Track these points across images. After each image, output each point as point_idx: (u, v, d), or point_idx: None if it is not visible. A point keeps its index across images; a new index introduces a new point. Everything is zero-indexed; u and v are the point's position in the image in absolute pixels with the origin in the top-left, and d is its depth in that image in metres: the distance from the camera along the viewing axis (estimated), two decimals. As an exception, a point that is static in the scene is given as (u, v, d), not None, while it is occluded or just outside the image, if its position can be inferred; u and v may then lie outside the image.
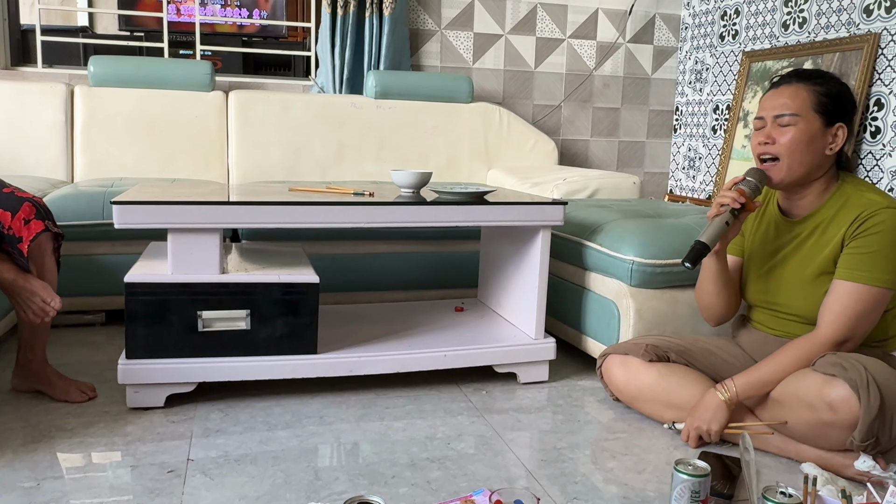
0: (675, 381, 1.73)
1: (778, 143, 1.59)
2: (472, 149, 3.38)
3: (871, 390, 1.40)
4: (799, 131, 1.57)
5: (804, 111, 1.57)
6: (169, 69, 3.07)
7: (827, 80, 1.61)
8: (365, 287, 2.57)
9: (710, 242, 1.58)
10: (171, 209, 1.68)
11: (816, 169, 1.61)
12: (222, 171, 3.08)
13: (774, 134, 1.60)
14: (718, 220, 1.60)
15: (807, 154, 1.58)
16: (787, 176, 1.60)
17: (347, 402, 1.87)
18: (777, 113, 1.59)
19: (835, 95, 1.60)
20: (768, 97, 1.64)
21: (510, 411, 1.86)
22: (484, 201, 1.93)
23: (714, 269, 1.72)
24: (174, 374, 1.75)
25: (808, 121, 1.57)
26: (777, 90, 1.63)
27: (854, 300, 1.54)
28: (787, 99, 1.59)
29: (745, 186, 1.60)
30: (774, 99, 1.62)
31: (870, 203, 1.56)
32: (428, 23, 3.58)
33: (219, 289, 1.76)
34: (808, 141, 1.57)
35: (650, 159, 4.05)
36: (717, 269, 1.72)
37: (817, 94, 1.58)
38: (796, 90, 1.59)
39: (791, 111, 1.58)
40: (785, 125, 1.58)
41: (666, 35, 3.95)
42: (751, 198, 1.60)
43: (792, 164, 1.59)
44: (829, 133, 1.59)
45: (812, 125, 1.57)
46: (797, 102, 1.58)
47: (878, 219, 1.54)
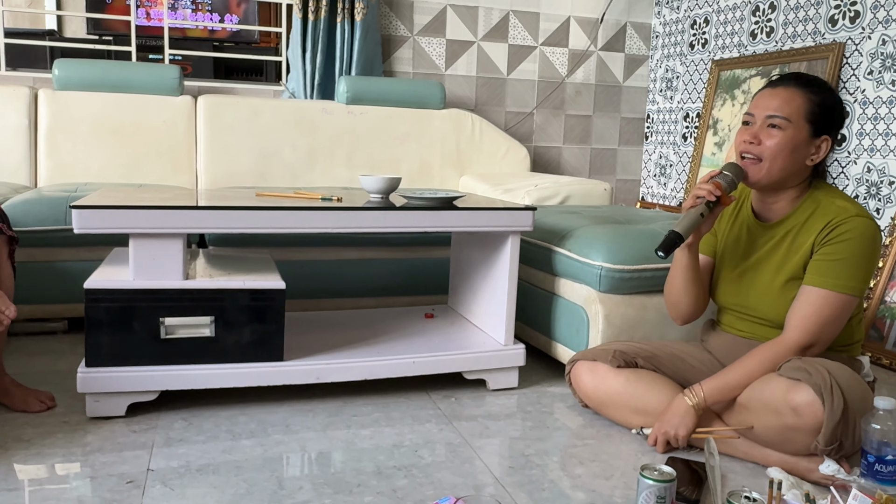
0: (643, 387, 1.73)
1: (763, 145, 1.59)
2: (444, 155, 3.37)
3: (834, 395, 1.41)
4: (786, 137, 1.57)
5: (796, 118, 1.57)
6: (136, 73, 3.03)
7: (824, 90, 1.61)
8: (334, 294, 2.54)
9: (685, 233, 1.57)
10: (132, 214, 1.64)
11: (794, 176, 1.62)
12: (191, 177, 3.04)
13: (762, 135, 1.59)
14: (693, 211, 1.59)
15: (789, 161, 1.59)
16: (766, 178, 1.60)
17: (314, 410, 1.84)
18: (770, 114, 1.59)
19: (828, 107, 1.60)
20: (763, 95, 1.63)
21: (479, 418, 1.84)
22: (453, 206, 1.92)
23: (685, 263, 1.71)
24: (136, 382, 1.71)
25: (797, 128, 1.57)
26: (774, 90, 1.62)
27: (821, 306, 1.55)
28: (783, 102, 1.58)
29: (722, 180, 1.60)
30: (769, 99, 1.61)
31: (840, 210, 1.57)
32: (400, 29, 3.57)
33: (182, 295, 1.72)
34: (793, 148, 1.58)
35: (622, 166, 4.07)
36: (688, 263, 1.71)
37: (812, 103, 1.58)
38: (793, 95, 1.59)
39: (784, 115, 1.57)
40: (774, 127, 1.58)
41: (637, 43, 3.98)
42: (727, 192, 1.60)
43: (773, 168, 1.59)
44: (813, 144, 1.60)
45: (800, 133, 1.58)
46: (791, 107, 1.58)
47: (847, 226, 1.55)
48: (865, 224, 1.55)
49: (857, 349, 1.71)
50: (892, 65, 2.63)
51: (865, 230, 1.54)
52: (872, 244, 1.56)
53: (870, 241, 1.55)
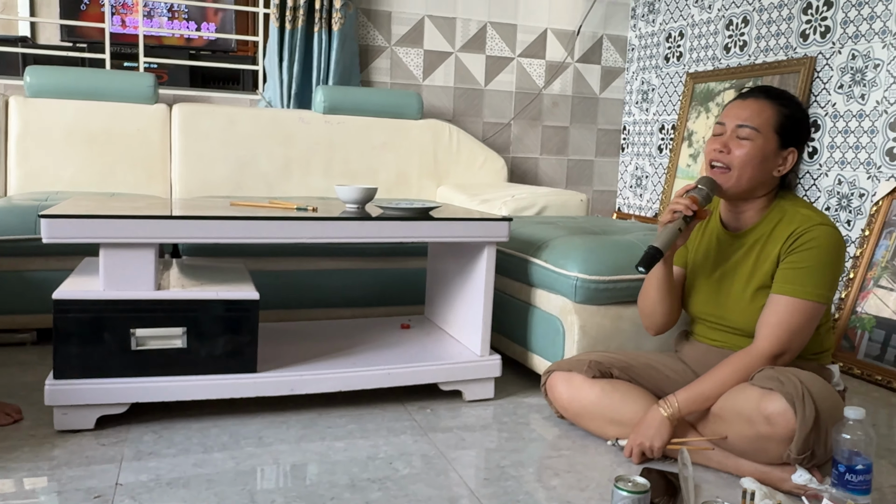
0: (619, 398, 1.73)
1: (733, 154, 1.61)
2: (422, 165, 3.37)
3: (806, 404, 1.42)
4: (755, 147, 1.60)
5: (765, 128, 1.60)
6: (110, 81, 3.00)
7: (793, 104, 1.65)
8: (310, 304, 2.52)
9: (664, 247, 1.59)
10: (102, 223, 1.62)
11: (762, 186, 1.65)
12: (165, 186, 3.01)
13: (731, 144, 1.62)
14: (672, 226, 1.61)
15: (757, 171, 1.61)
16: (735, 187, 1.63)
17: (288, 422, 1.82)
18: (739, 123, 1.61)
19: (796, 120, 1.63)
20: (734, 106, 1.66)
21: (454, 429, 1.83)
22: (429, 217, 1.91)
23: (660, 276, 1.73)
24: (105, 394, 1.68)
25: (766, 139, 1.60)
26: (744, 101, 1.65)
27: (790, 314, 1.57)
28: (753, 113, 1.61)
29: (698, 194, 1.62)
30: (740, 109, 1.63)
31: (804, 219, 1.60)
32: (378, 39, 3.57)
33: (154, 306, 1.70)
34: (762, 159, 1.60)
35: (598, 177, 4.10)
36: (663, 275, 1.72)
37: (781, 115, 1.61)
38: (763, 106, 1.62)
39: (753, 125, 1.60)
40: (743, 138, 1.61)
41: (613, 56, 4.02)
42: (702, 205, 1.62)
43: (741, 177, 1.61)
44: (781, 155, 1.63)
45: (768, 144, 1.60)
46: (761, 118, 1.61)
47: (811, 234, 1.57)
48: (829, 232, 1.57)
49: (827, 358, 1.73)
50: (861, 79, 2.67)
51: (829, 238, 1.57)
52: (837, 252, 1.58)
53: (834, 248, 1.57)
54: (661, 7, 3.78)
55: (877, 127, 2.62)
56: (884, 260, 2.48)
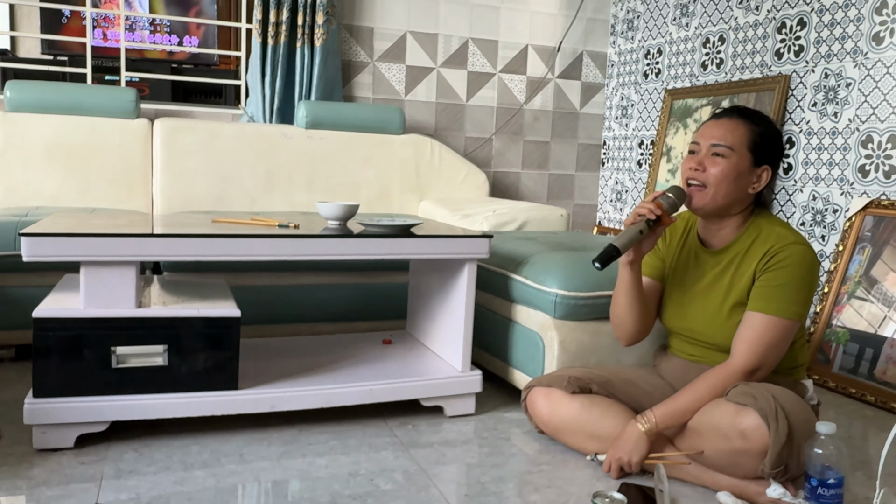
0: (598, 413, 1.75)
1: (708, 172, 1.65)
2: (404, 180, 3.39)
3: (779, 419, 1.45)
4: (730, 165, 1.64)
5: (739, 147, 1.64)
6: (91, 95, 2.99)
7: (766, 123, 1.70)
8: (292, 319, 2.53)
9: (622, 247, 1.61)
10: (83, 241, 1.62)
11: (737, 203, 1.68)
12: (146, 201, 3.00)
13: (707, 163, 1.66)
14: (633, 227, 1.64)
15: (732, 188, 1.65)
16: (710, 204, 1.66)
17: (269, 439, 1.82)
18: (714, 142, 1.66)
19: (769, 139, 1.68)
20: (709, 126, 1.70)
21: (436, 445, 1.85)
22: (410, 234, 1.93)
23: (627, 281, 1.75)
24: (85, 412, 1.68)
25: (740, 156, 1.64)
26: (718, 121, 1.69)
27: (764, 330, 1.60)
28: (727, 132, 1.66)
29: (664, 201, 1.65)
30: (714, 129, 1.68)
31: (779, 237, 1.64)
32: (360, 54, 3.60)
33: (134, 324, 1.70)
34: (736, 176, 1.64)
35: (579, 191, 4.14)
36: (630, 280, 1.74)
37: (754, 134, 1.66)
38: (736, 125, 1.67)
39: (727, 143, 1.64)
40: (718, 155, 1.65)
41: (593, 72, 4.07)
42: (668, 212, 1.65)
43: (717, 194, 1.65)
44: (755, 172, 1.67)
45: (742, 162, 1.65)
46: (735, 137, 1.65)
47: (786, 253, 1.61)
48: (803, 251, 1.61)
49: (801, 372, 1.76)
50: (833, 97, 2.73)
51: (803, 257, 1.61)
52: (810, 270, 1.62)
53: (808, 267, 1.61)
54: (639, 24, 3.84)
55: (849, 144, 2.68)
56: (857, 274, 2.53)
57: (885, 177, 2.55)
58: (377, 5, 3.60)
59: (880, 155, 2.57)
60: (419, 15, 3.67)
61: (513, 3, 3.83)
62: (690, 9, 3.48)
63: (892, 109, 2.53)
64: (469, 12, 3.76)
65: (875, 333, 2.40)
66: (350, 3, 3.55)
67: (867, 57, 2.61)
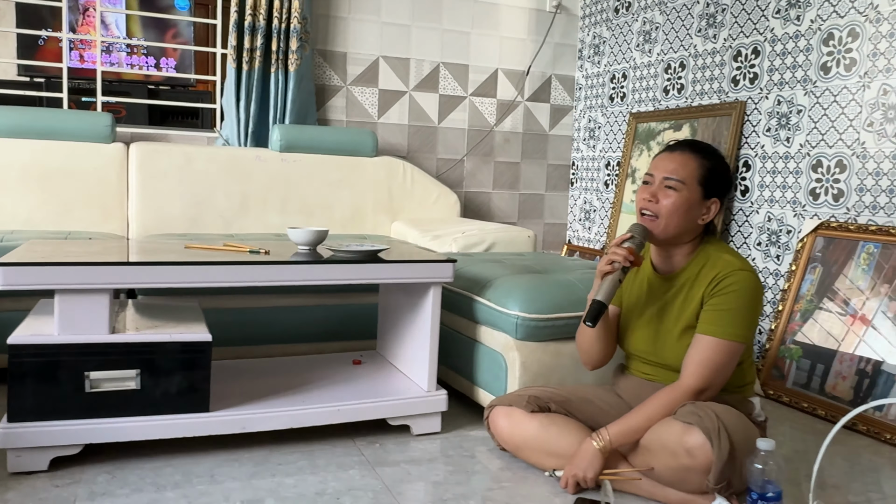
0: (555, 431, 1.83)
1: (660, 204, 1.75)
2: (377, 201, 3.47)
3: (721, 437, 1.54)
4: (681, 197, 1.74)
5: (689, 180, 1.74)
6: (67, 120, 3.04)
7: (716, 158, 1.80)
8: (265, 341, 2.58)
9: (607, 300, 1.71)
10: (57, 270, 1.68)
11: (687, 233, 1.78)
12: (121, 224, 3.05)
13: (659, 195, 1.76)
14: (612, 278, 1.73)
15: (682, 219, 1.75)
16: (662, 234, 1.76)
17: (240, 460, 1.88)
18: (666, 175, 1.76)
19: (718, 173, 1.78)
20: (662, 158, 1.80)
21: (402, 463, 1.91)
22: (377, 259, 2.01)
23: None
24: (59, 436, 1.73)
25: (690, 190, 1.74)
26: (672, 154, 1.79)
27: (712, 353, 1.69)
28: (679, 165, 1.76)
29: (633, 244, 1.75)
30: (667, 162, 1.78)
31: (726, 264, 1.73)
32: (334, 79, 3.68)
33: (108, 349, 1.75)
34: (687, 208, 1.74)
35: (549, 211, 4.24)
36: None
37: (704, 168, 1.76)
38: (688, 159, 1.76)
39: (679, 177, 1.74)
40: (670, 188, 1.74)
41: (562, 94, 4.18)
42: (637, 253, 1.75)
43: (668, 225, 1.75)
44: (704, 205, 1.77)
45: (693, 195, 1.74)
46: (686, 171, 1.75)
47: (732, 279, 1.71)
48: (748, 277, 1.71)
49: (749, 390, 1.86)
50: (786, 123, 2.86)
51: (748, 283, 1.70)
52: (755, 295, 1.72)
53: (752, 292, 1.71)
54: (605, 49, 3.97)
55: (801, 168, 2.80)
56: (809, 293, 2.64)
57: (834, 200, 2.67)
58: (350, 31, 3.69)
59: (829, 179, 2.69)
60: (391, 40, 3.77)
61: (482, 28, 3.94)
62: (653, 35, 3.61)
63: (839, 136, 2.65)
64: (440, 37, 3.86)
65: (825, 350, 2.51)
66: (324, 29, 3.63)
67: (816, 85, 2.74)
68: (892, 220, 2.47)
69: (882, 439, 2.24)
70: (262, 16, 3.36)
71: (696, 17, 3.32)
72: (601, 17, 4.00)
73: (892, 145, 2.48)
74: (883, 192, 2.51)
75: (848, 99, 2.62)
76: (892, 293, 2.38)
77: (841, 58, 2.65)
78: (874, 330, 2.38)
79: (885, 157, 2.50)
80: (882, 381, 2.32)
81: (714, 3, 3.21)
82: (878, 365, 2.34)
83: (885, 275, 2.41)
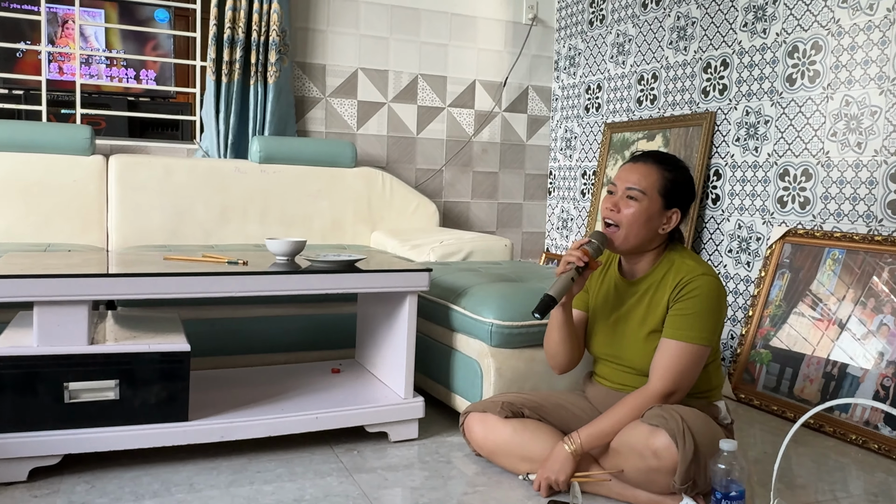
0: (529, 436, 1.88)
1: (622, 214, 1.80)
2: (356, 212, 3.50)
3: (686, 438, 1.59)
4: (641, 208, 1.79)
5: (651, 191, 1.80)
6: (46, 133, 3.06)
7: (678, 168, 1.85)
8: (244, 350, 2.61)
9: (557, 295, 1.75)
10: (36, 283, 1.70)
11: (649, 242, 1.84)
12: (101, 235, 3.07)
13: (621, 204, 1.81)
14: (565, 276, 1.78)
15: (643, 229, 1.80)
16: (623, 244, 1.81)
17: (219, 468, 1.90)
18: (629, 185, 1.81)
19: (680, 184, 1.83)
20: (625, 169, 1.85)
21: (379, 470, 1.95)
22: (354, 269, 2.04)
23: (560, 320, 1.89)
24: (38, 447, 1.74)
25: (651, 200, 1.80)
26: (635, 165, 1.85)
27: (678, 356, 1.74)
28: (641, 176, 1.81)
29: (589, 247, 1.80)
30: (630, 173, 1.83)
31: (689, 270, 1.79)
32: (313, 91, 3.72)
33: (87, 360, 1.78)
34: (647, 218, 1.80)
35: (528, 220, 4.30)
36: (562, 319, 1.89)
37: (666, 179, 1.81)
38: (650, 170, 1.82)
39: (640, 188, 1.80)
40: (632, 199, 1.80)
41: (539, 105, 4.25)
42: (594, 257, 1.79)
43: (629, 235, 1.80)
44: (665, 215, 1.82)
45: (653, 205, 1.80)
46: (648, 181, 1.80)
47: (695, 284, 1.76)
48: (710, 282, 1.76)
49: (716, 394, 1.91)
50: (754, 133, 2.93)
51: (711, 287, 1.76)
52: (718, 299, 1.77)
53: (715, 296, 1.76)
54: (580, 61, 4.04)
55: (769, 177, 2.87)
56: (778, 298, 2.71)
57: (801, 207, 2.75)
58: (329, 43, 3.73)
59: (796, 187, 2.77)
60: (370, 52, 3.82)
61: (460, 40, 4.01)
62: (626, 48, 3.68)
63: (804, 146, 2.73)
64: (418, 49, 3.92)
65: (794, 353, 2.57)
66: (302, 42, 3.68)
67: (782, 96, 2.82)
68: (856, 228, 2.55)
69: (847, 440, 2.30)
70: (241, 29, 3.39)
71: (667, 30, 3.40)
72: (576, 29, 4.08)
73: (854, 154, 2.56)
74: (846, 199, 2.58)
75: (812, 109, 2.70)
76: (858, 298, 2.45)
77: (805, 70, 2.73)
78: (841, 333, 2.45)
79: (847, 165, 2.58)
80: (847, 384, 2.38)
81: (684, 17, 3.29)
82: (844, 368, 2.41)
83: (851, 280, 2.48)
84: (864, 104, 2.52)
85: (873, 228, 2.50)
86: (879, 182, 2.48)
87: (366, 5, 3.79)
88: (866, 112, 2.52)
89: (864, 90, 2.52)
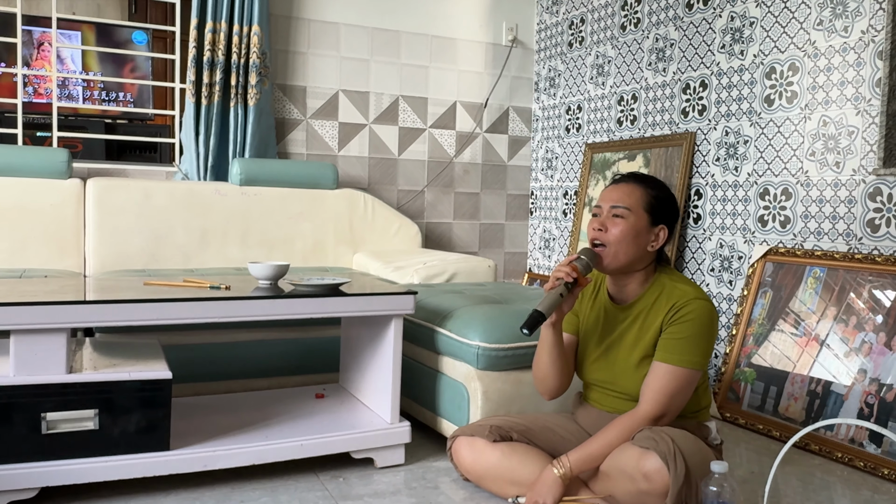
0: (517, 460, 1.86)
1: (609, 232, 1.80)
2: (338, 233, 3.48)
3: (677, 461, 1.58)
4: (628, 224, 1.79)
5: (636, 208, 1.80)
6: (22, 157, 3.00)
7: (659, 187, 1.87)
8: (226, 376, 2.56)
9: (546, 311, 1.74)
10: (13, 311, 1.66)
11: (638, 261, 1.83)
12: (79, 260, 3.01)
13: (608, 223, 1.81)
14: (553, 292, 1.77)
15: (631, 246, 1.80)
16: (613, 262, 1.81)
17: (202, 498, 1.86)
18: (613, 204, 1.81)
19: (663, 200, 1.85)
20: (609, 190, 1.86)
21: (365, 497, 1.91)
22: (338, 293, 2.02)
23: (550, 341, 1.88)
24: (13, 480, 1.69)
25: (637, 216, 1.80)
26: (617, 186, 1.86)
27: (669, 380, 1.74)
28: (624, 194, 1.82)
29: (579, 263, 1.79)
30: (613, 193, 1.84)
31: (682, 294, 1.79)
32: (294, 112, 3.71)
33: (65, 389, 1.73)
34: (635, 235, 1.80)
35: (510, 240, 4.30)
36: (553, 340, 1.87)
37: (649, 196, 1.82)
38: (633, 189, 1.83)
39: (625, 205, 1.80)
40: (618, 216, 1.80)
41: (519, 126, 4.27)
42: (583, 274, 1.79)
43: (618, 253, 1.80)
44: (652, 232, 1.82)
45: (640, 221, 1.80)
46: (632, 199, 1.81)
47: (689, 308, 1.76)
48: (703, 306, 1.76)
49: (705, 415, 1.91)
50: (734, 153, 2.97)
51: (704, 312, 1.76)
52: (710, 324, 1.77)
53: (707, 321, 1.76)
54: (560, 82, 4.07)
55: (749, 196, 2.90)
56: (761, 317, 2.73)
57: (781, 226, 2.77)
58: (309, 65, 3.73)
59: (776, 206, 2.79)
60: (350, 74, 3.82)
61: (441, 62, 4.02)
62: (605, 69, 3.72)
63: (784, 165, 2.76)
64: (399, 71, 3.93)
65: (778, 372, 2.58)
66: (283, 64, 3.67)
67: (761, 117, 2.86)
68: (836, 246, 2.58)
69: (833, 458, 2.31)
70: (221, 51, 3.38)
71: (646, 52, 3.44)
72: (556, 50, 4.11)
73: (832, 174, 2.59)
74: (826, 218, 2.61)
75: (791, 130, 2.74)
76: (838, 315, 2.47)
77: (783, 90, 2.77)
78: (824, 351, 2.47)
79: (826, 185, 2.61)
80: (832, 402, 2.39)
81: (663, 38, 3.33)
82: (828, 385, 2.42)
83: (832, 297, 2.50)
84: (841, 124, 2.56)
85: (853, 247, 2.53)
86: (858, 201, 2.51)
87: (346, 28, 3.79)
88: (843, 132, 2.56)
89: (841, 110, 2.56)
